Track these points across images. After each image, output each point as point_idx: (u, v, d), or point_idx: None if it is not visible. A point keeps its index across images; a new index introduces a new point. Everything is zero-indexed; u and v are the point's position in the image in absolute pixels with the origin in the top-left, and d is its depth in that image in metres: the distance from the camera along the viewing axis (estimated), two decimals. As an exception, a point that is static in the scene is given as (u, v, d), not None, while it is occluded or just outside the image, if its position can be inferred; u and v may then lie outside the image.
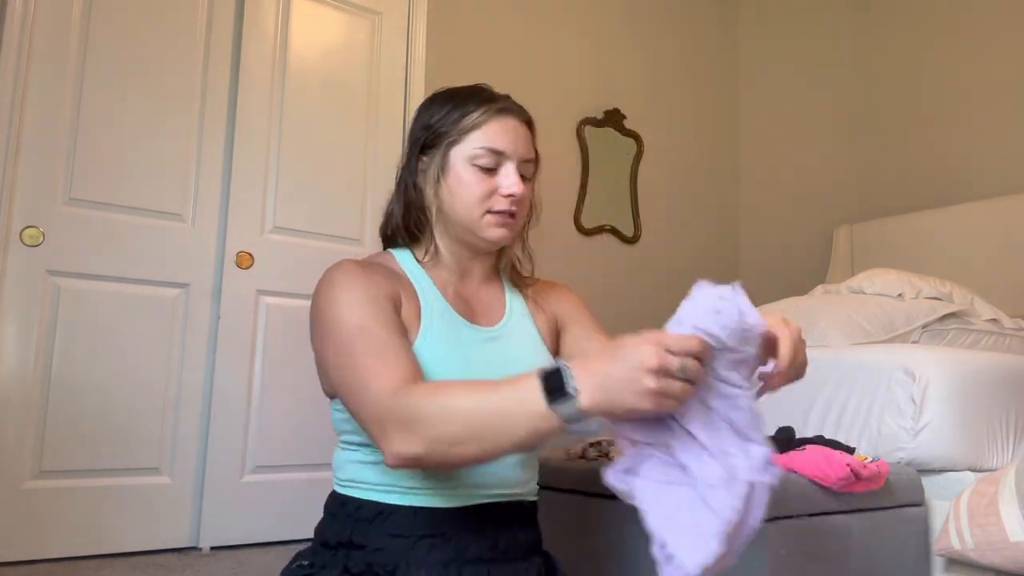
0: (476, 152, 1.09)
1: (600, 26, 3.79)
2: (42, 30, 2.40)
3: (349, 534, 1.04)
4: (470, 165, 1.10)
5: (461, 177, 1.10)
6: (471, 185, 1.09)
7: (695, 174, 4.10)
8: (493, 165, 1.10)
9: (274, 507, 2.61)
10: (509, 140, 1.10)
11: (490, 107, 1.11)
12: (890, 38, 3.71)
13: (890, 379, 1.83)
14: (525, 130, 1.14)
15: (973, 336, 2.39)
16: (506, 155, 1.10)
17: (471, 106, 1.12)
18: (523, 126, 1.14)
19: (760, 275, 4.10)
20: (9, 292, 2.30)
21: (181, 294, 2.56)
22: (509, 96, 1.17)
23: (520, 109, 1.16)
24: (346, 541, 1.04)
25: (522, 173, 1.12)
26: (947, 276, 2.70)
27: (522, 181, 1.11)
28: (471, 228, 1.11)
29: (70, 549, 2.29)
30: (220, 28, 2.71)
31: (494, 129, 1.10)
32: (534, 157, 1.14)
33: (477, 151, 1.09)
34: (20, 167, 2.34)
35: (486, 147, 1.09)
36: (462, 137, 1.10)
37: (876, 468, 1.56)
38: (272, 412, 2.65)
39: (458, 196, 1.10)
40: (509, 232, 1.12)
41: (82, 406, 2.36)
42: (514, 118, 1.13)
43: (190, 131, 2.63)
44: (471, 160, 1.10)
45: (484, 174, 1.09)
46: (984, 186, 3.27)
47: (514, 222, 1.12)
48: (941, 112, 3.48)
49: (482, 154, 1.09)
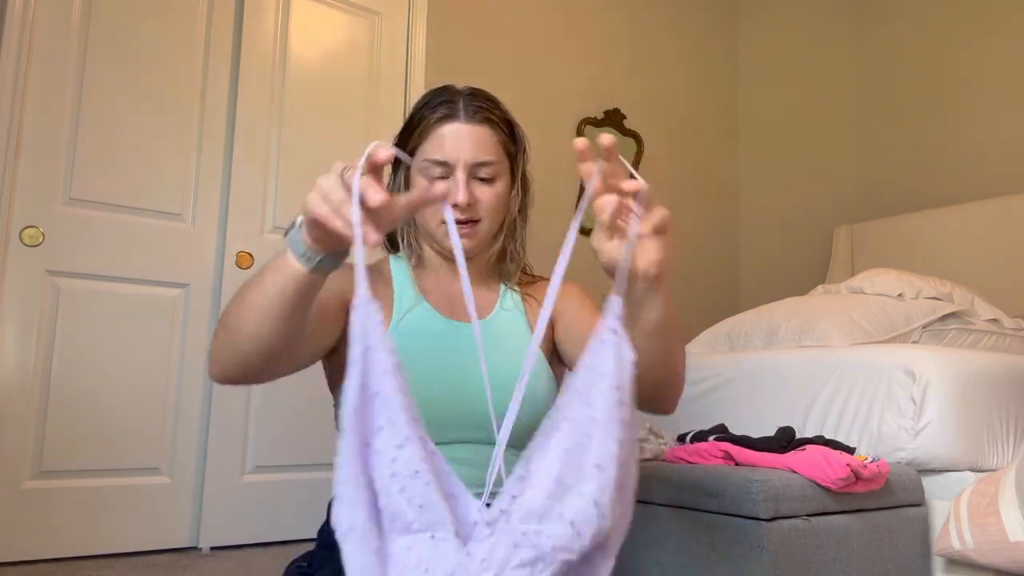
0: (423, 165, 1.08)
1: (600, 26, 3.79)
2: (42, 30, 2.40)
3: None
4: (422, 178, 1.08)
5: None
6: None
7: (695, 174, 4.09)
8: (443, 175, 1.07)
9: (274, 507, 2.61)
10: (452, 148, 1.06)
11: (431, 117, 1.09)
12: (890, 38, 3.71)
13: (890, 379, 1.83)
14: (481, 131, 1.09)
15: (973, 336, 2.39)
16: (450, 164, 1.07)
17: (417, 117, 1.11)
18: (479, 127, 1.09)
19: (760, 275, 4.10)
20: (9, 292, 2.30)
21: (181, 294, 2.56)
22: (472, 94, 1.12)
23: (474, 111, 1.09)
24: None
25: (481, 176, 1.08)
26: (947, 276, 2.70)
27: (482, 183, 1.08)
28: (434, 238, 1.12)
29: (70, 549, 2.29)
30: (220, 28, 2.71)
31: (437, 139, 1.07)
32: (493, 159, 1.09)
33: (424, 163, 1.08)
34: (20, 167, 2.34)
35: (430, 159, 1.08)
36: (415, 150, 1.10)
37: (876, 468, 1.56)
38: (272, 412, 2.65)
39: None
40: (467, 241, 1.09)
41: (82, 406, 2.36)
42: (461, 123, 1.08)
43: (190, 131, 2.63)
44: (422, 172, 1.08)
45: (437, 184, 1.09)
46: (984, 186, 3.27)
47: (472, 229, 1.09)
48: (941, 112, 3.48)
49: (428, 166, 1.08)
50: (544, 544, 0.60)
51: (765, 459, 1.57)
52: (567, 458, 0.62)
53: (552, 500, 0.61)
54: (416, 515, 0.61)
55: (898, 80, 3.66)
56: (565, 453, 0.63)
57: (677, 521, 1.53)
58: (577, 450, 0.63)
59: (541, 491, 0.62)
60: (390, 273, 1.15)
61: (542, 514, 0.61)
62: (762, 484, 1.42)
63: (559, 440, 0.63)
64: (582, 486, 0.62)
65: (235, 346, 0.87)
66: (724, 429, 1.77)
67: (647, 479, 1.60)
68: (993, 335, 2.43)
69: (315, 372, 1.10)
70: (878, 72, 3.74)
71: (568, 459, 0.62)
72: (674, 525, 1.53)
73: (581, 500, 0.61)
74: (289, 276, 0.81)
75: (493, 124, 1.11)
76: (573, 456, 0.63)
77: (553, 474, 0.62)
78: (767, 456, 1.57)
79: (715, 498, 1.47)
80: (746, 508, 1.41)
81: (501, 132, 1.12)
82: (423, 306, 1.12)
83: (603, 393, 0.64)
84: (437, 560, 0.61)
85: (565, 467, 0.62)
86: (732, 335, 2.56)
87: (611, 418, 0.63)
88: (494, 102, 1.14)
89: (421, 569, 0.61)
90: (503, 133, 1.12)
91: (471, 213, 1.08)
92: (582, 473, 0.62)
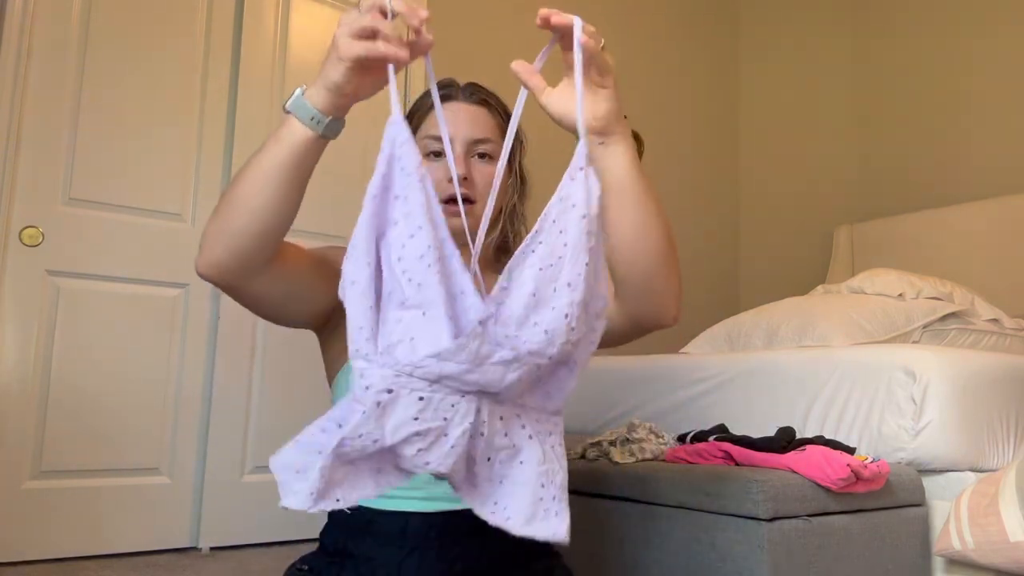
0: (423, 143, 1.10)
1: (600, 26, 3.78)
2: (42, 30, 2.40)
3: (344, 542, 1.04)
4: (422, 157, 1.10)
5: None
6: None
7: (695, 174, 4.09)
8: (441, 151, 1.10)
9: (274, 507, 2.59)
10: (450, 124, 1.09)
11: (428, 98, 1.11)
12: (890, 39, 3.71)
13: (890, 379, 1.83)
14: (479, 111, 1.12)
15: (974, 336, 2.39)
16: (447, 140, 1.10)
17: (416, 103, 1.15)
18: (476, 107, 1.12)
19: (760, 275, 4.10)
20: (9, 292, 2.30)
21: (181, 294, 2.56)
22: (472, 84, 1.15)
23: (471, 91, 1.13)
24: (341, 548, 1.04)
25: (479, 153, 1.11)
26: (947, 276, 2.70)
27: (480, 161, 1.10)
28: None
29: (70, 549, 2.29)
30: (220, 28, 2.71)
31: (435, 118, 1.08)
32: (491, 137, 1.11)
33: (423, 142, 1.11)
34: (20, 167, 2.34)
35: (428, 135, 1.10)
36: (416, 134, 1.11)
37: (876, 468, 1.56)
38: (272, 412, 2.65)
39: None
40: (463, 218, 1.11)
41: (82, 406, 2.36)
42: (459, 102, 1.12)
43: (190, 131, 2.63)
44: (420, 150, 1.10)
45: (434, 162, 1.10)
46: (984, 186, 3.27)
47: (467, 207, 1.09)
48: (941, 112, 3.48)
49: (427, 142, 1.10)
50: (522, 347, 0.67)
51: (765, 459, 1.57)
52: (541, 276, 0.69)
53: (528, 311, 0.69)
54: (412, 292, 0.65)
55: (898, 80, 3.65)
56: (540, 272, 0.69)
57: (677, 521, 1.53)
58: (551, 270, 0.70)
59: (520, 302, 0.69)
60: None
61: (520, 322, 0.68)
62: (762, 484, 1.42)
63: (534, 260, 0.70)
64: (554, 300, 0.69)
65: (227, 225, 0.86)
66: (724, 429, 1.77)
67: (647, 479, 1.60)
68: (993, 335, 2.43)
69: (315, 372, 1.10)
70: (878, 72, 3.74)
71: (542, 276, 0.69)
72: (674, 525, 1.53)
73: (553, 312, 0.69)
74: (293, 144, 0.83)
75: (491, 107, 1.13)
76: (547, 274, 0.69)
77: (530, 289, 0.69)
78: (767, 456, 1.57)
79: (715, 498, 1.47)
80: (746, 508, 1.41)
81: (499, 116, 1.15)
82: None
83: (573, 222, 0.71)
84: (423, 334, 0.65)
85: (540, 283, 0.69)
86: (732, 335, 2.56)
87: (580, 244, 0.70)
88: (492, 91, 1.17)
89: (407, 338, 0.65)
90: (500, 117, 1.15)
91: (468, 190, 1.09)
92: (555, 289, 0.69)
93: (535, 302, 0.69)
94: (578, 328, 0.70)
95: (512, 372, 0.67)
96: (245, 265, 0.89)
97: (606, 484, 1.66)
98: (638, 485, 1.61)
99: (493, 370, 0.66)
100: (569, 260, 0.70)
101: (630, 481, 1.63)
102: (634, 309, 0.96)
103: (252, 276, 0.91)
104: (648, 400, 2.29)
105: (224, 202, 0.87)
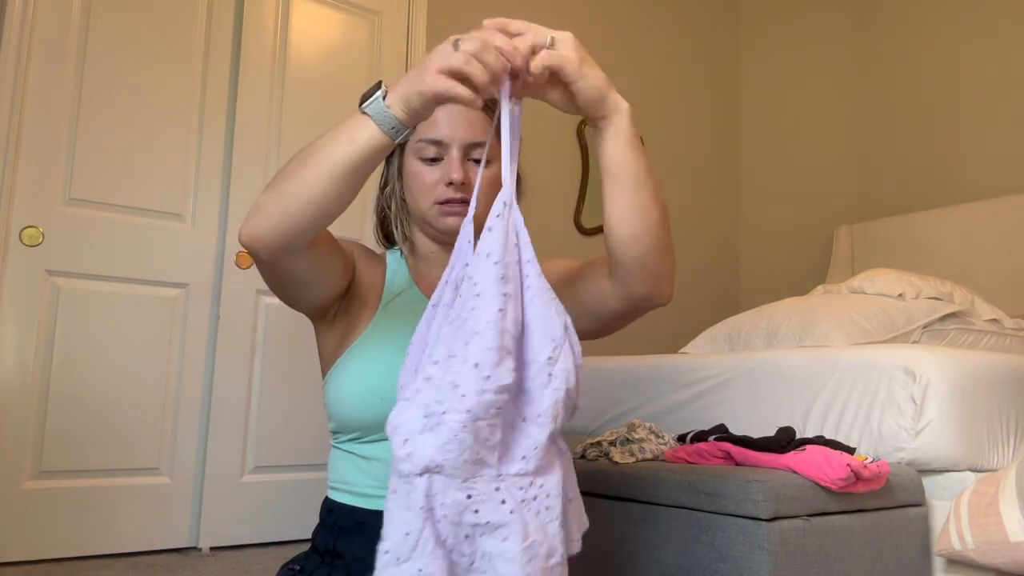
0: (418, 145, 1.10)
1: (600, 26, 3.79)
2: (42, 30, 2.40)
3: (334, 542, 1.05)
4: (416, 159, 1.11)
5: (410, 172, 1.12)
6: (418, 177, 1.11)
7: (695, 174, 4.10)
8: (437, 155, 1.10)
9: (274, 507, 2.61)
10: (446, 127, 1.09)
11: None
12: (890, 39, 3.71)
13: (890, 379, 1.83)
14: (475, 113, 1.10)
15: (973, 336, 2.39)
16: (444, 143, 1.09)
17: None
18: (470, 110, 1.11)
19: (760, 275, 4.10)
20: (9, 292, 2.30)
21: (181, 294, 2.56)
22: None
23: None
24: (331, 549, 1.05)
25: (475, 157, 1.11)
26: (947, 276, 2.70)
27: (476, 164, 1.10)
28: (427, 220, 1.12)
29: (70, 549, 2.29)
30: (220, 28, 2.71)
31: (432, 119, 1.08)
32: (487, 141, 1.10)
33: (418, 144, 1.10)
34: (20, 167, 2.34)
35: (424, 138, 1.10)
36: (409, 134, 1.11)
37: (876, 468, 1.56)
38: (272, 412, 2.65)
39: (411, 190, 1.13)
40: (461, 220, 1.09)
41: (82, 406, 2.36)
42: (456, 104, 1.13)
43: (190, 131, 2.63)
44: (416, 154, 1.11)
45: (430, 165, 1.10)
46: (984, 186, 3.27)
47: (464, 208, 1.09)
48: (941, 112, 3.48)
49: (423, 146, 1.10)
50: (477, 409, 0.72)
51: (765, 459, 1.56)
52: (454, 336, 0.75)
53: (444, 371, 0.74)
54: None
55: (899, 80, 3.65)
56: (453, 332, 0.75)
57: (677, 521, 1.53)
58: (462, 325, 0.75)
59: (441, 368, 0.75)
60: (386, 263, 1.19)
61: (451, 386, 0.74)
62: (762, 484, 1.42)
63: (449, 330, 0.77)
64: (465, 353, 0.73)
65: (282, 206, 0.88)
66: (724, 429, 1.77)
67: (647, 479, 1.60)
68: (993, 335, 2.43)
69: (315, 372, 1.10)
70: (879, 72, 3.74)
71: (455, 336, 0.75)
72: (674, 525, 1.53)
73: (464, 366, 0.73)
74: (368, 147, 0.85)
75: (487, 110, 1.12)
76: (459, 333, 0.75)
77: (444, 351, 0.75)
78: (767, 456, 1.57)
79: (715, 498, 1.47)
80: (746, 508, 1.41)
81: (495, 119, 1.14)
82: (413, 291, 1.14)
83: (486, 270, 0.76)
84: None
85: (452, 343, 0.75)
86: (732, 335, 2.56)
87: (492, 291, 0.74)
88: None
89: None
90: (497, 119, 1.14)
91: (464, 193, 1.09)
92: (465, 343, 0.74)
93: (450, 362, 0.73)
94: (502, 375, 0.72)
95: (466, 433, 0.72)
96: (287, 244, 0.91)
97: (606, 484, 1.66)
98: (638, 485, 1.61)
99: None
100: (480, 309, 0.73)
101: (630, 481, 1.63)
102: (630, 289, 0.97)
103: (290, 255, 0.93)
104: (648, 400, 2.29)
105: (283, 180, 0.88)
